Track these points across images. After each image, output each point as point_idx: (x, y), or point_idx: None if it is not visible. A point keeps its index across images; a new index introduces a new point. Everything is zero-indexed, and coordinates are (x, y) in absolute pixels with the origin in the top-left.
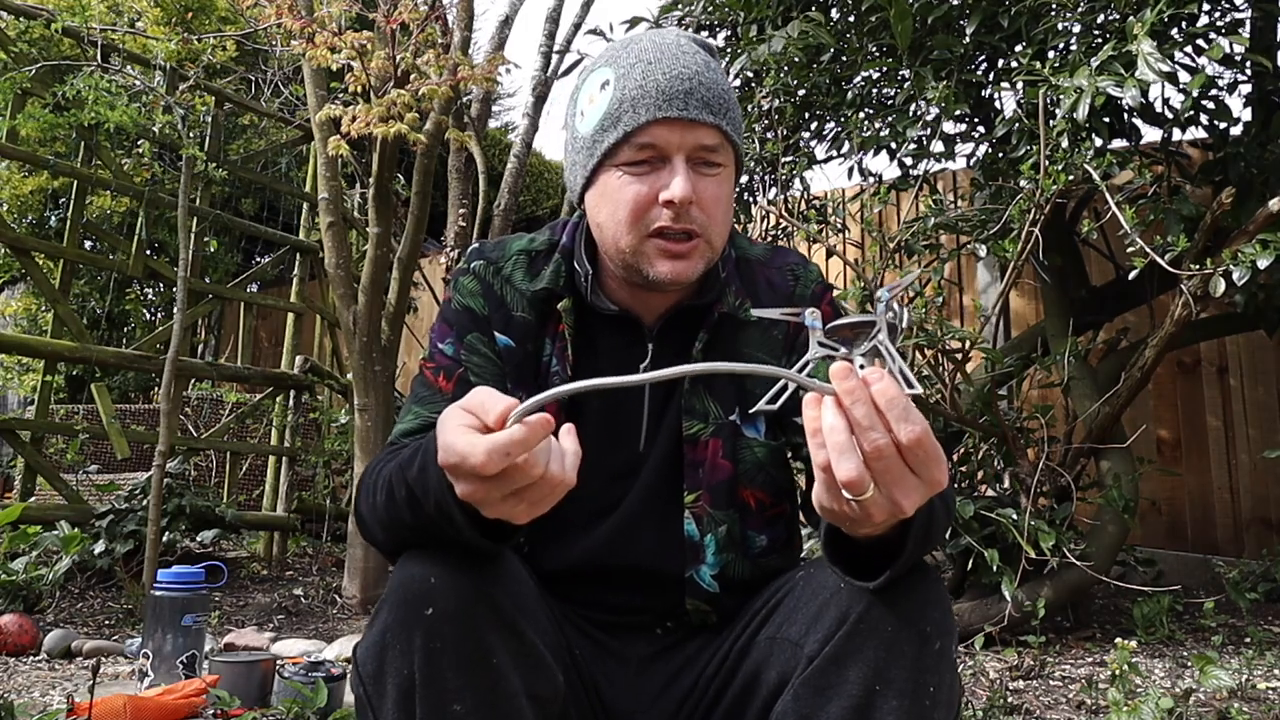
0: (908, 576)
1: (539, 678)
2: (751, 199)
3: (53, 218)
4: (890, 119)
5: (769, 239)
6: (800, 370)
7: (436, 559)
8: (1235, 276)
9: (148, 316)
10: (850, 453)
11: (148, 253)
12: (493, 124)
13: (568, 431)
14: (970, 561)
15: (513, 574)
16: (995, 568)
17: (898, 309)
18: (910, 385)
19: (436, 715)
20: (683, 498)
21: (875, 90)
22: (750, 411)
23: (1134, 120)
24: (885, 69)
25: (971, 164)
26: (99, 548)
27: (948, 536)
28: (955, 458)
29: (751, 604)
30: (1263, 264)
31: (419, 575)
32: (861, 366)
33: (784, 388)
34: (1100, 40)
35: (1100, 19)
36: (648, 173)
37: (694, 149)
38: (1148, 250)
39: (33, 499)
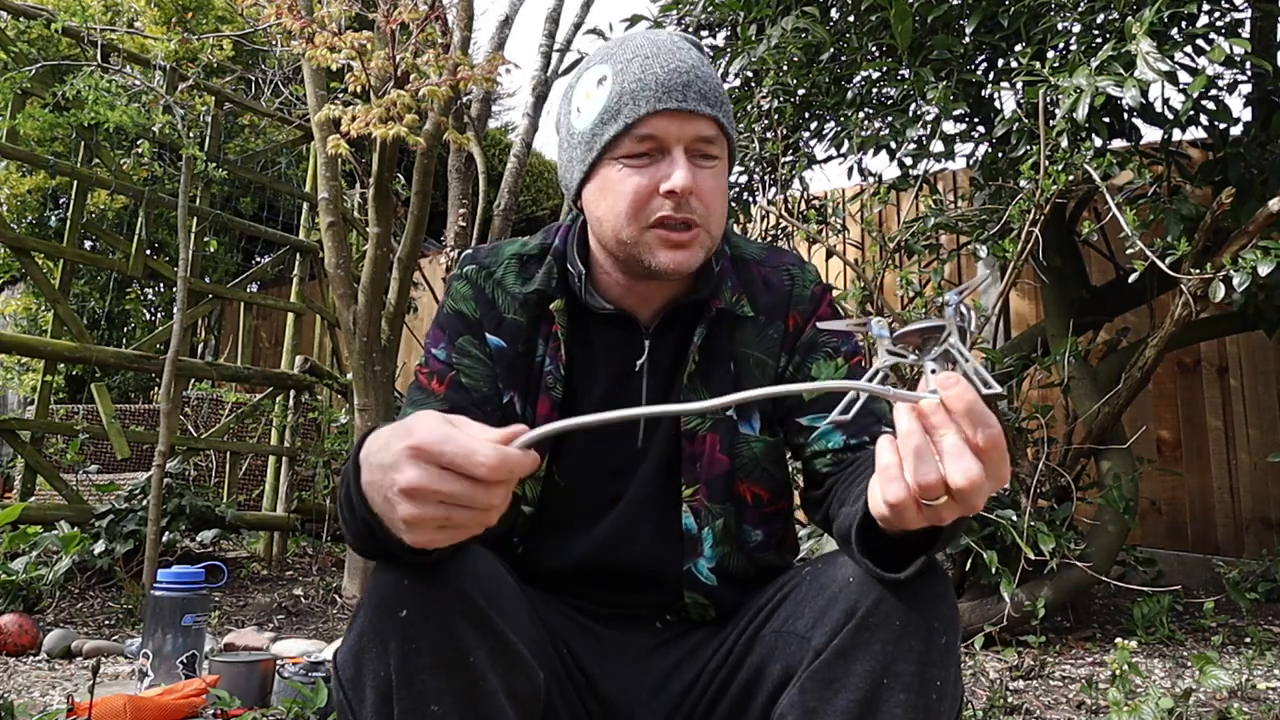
0: (915, 572)
1: (518, 676)
2: (751, 199)
3: (52, 218)
4: (890, 119)
5: (769, 239)
6: (871, 380)
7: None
8: (1235, 282)
9: (148, 316)
10: (929, 457)
11: (148, 253)
12: (493, 124)
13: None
14: (970, 561)
15: (488, 573)
16: (994, 569)
17: (965, 312)
18: (988, 385)
19: (415, 717)
20: (681, 492)
21: (875, 90)
22: (824, 424)
23: (1134, 120)
24: (885, 69)
25: (971, 164)
26: (99, 548)
27: None
28: None
29: (755, 599)
30: (1264, 270)
31: (392, 578)
32: (933, 371)
33: (856, 398)
34: (1100, 40)
35: (1100, 19)
36: (647, 165)
37: (692, 140)
38: (1148, 253)
39: (33, 499)
